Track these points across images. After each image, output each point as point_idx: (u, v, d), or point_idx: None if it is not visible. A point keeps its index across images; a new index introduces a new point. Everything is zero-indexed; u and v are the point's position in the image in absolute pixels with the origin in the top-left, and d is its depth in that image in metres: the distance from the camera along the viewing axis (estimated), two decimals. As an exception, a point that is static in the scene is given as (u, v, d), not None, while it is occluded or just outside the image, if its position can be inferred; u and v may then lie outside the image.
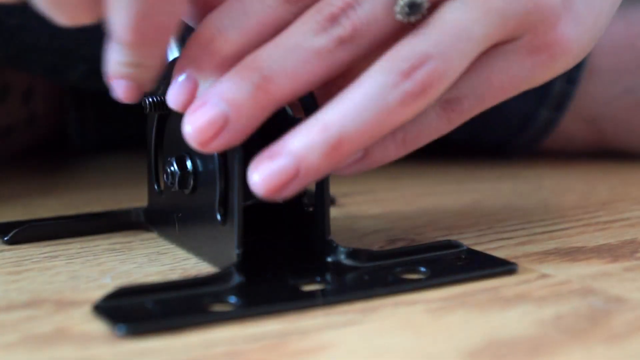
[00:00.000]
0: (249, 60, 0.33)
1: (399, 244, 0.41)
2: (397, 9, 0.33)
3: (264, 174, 0.32)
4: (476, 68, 0.35)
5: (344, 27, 0.33)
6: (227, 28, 0.33)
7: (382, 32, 0.33)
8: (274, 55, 0.32)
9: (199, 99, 0.33)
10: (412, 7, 0.33)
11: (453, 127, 0.36)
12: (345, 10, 0.33)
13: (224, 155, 0.35)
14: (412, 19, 0.33)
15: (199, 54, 0.33)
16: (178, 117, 0.38)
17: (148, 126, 0.40)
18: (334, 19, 0.33)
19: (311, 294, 0.33)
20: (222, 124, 0.32)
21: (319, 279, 0.35)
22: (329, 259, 0.36)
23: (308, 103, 0.35)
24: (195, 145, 0.32)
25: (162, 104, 0.38)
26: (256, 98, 0.32)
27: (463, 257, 0.37)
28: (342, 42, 0.33)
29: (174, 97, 0.34)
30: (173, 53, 0.40)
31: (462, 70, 0.34)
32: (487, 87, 0.35)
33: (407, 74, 0.32)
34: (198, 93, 0.33)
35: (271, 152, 0.32)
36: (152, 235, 0.42)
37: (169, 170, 0.38)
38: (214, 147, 0.32)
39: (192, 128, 0.32)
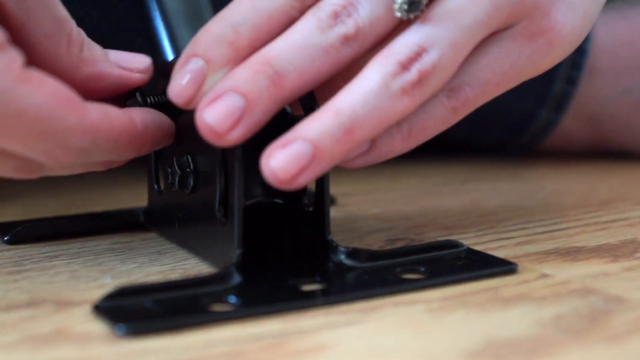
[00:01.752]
0: (260, 55, 0.33)
1: (399, 244, 0.41)
2: (396, 6, 0.34)
3: (279, 161, 0.32)
4: (476, 56, 0.36)
5: (347, 26, 0.33)
6: (239, 23, 0.34)
7: (384, 29, 0.34)
8: (284, 52, 0.33)
9: (212, 92, 0.33)
10: (411, 5, 0.34)
11: (459, 117, 0.36)
12: (346, 8, 0.33)
13: (224, 155, 0.35)
14: (412, 15, 0.34)
15: (213, 47, 0.34)
16: (178, 116, 0.38)
17: (148, 126, 0.40)
18: (336, 16, 0.34)
19: (311, 294, 0.33)
20: (239, 116, 0.32)
21: (319, 278, 0.35)
22: (329, 259, 0.36)
23: (308, 102, 0.36)
24: (211, 137, 0.32)
25: (163, 104, 0.38)
26: (270, 92, 0.33)
27: (463, 256, 0.37)
28: (347, 40, 0.34)
29: (180, 91, 0.34)
30: (169, 55, 0.40)
31: (460, 59, 0.35)
32: (489, 75, 0.36)
33: (405, 65, 0.33)
34: (204, 87, 0.33)
35: (284, 140, 0.32)
36: (152, 235, 0.42)
37: (169, 170, 0.38)
38: (229, 140, 0.33)
39: (209, 120, 0.32)
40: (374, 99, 0.33)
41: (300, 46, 0.33)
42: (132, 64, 0.38)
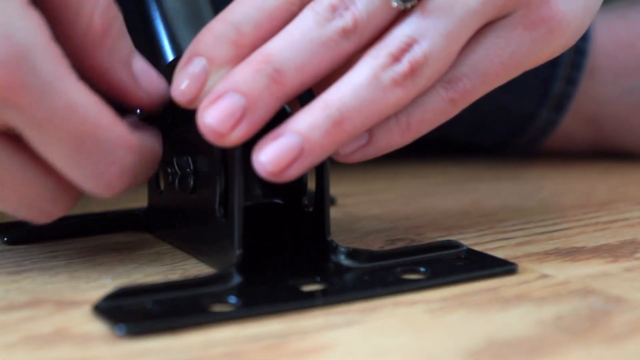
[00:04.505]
0: (259, 53, 0.33)
1: (399, 244, 0.41)
2: None
3: (268, 154, 0.32)
4: (474, 46, 0.36)
5: (345, 19, 0.33)
6: (241, 22, 0.34)
7: (382, 21, 0.34)
8: (283, 48, 0.33)
9: (212, 93, 0.33)
10: None
11: (458, 109, 0.36)
12: (343, 1, 0.34)
13: (224, 155, 0.35)
14: (409, 5, 0.34)
15: (215, 46, 0.34)
16: (178, 116, 0.38)
17: (148, 126, 0.40)
18: (334, 10, 0.34)
19: (311, 294, 0.33)
20: (240, 115, 0.32)
21: (319, 279, 0.35)
22: (329, 259, 0.36)
23: (307, 101, 0.36)
24: (213, 138, 0.33)
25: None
26: (270, 89, 0.33)
27: (463, 257, 0.37)
28: (346, 33, 0.34)
29: (182, 90, 0.34)
30: (169, 55, 0.40)
31: (454, 49, 0.34)
32: (488, 65, 0.36)
33: (397, 57, 0.33)
34: (206, 86, 0.33)
35: (275, 133, 0.33)
36: (152, 235, 0.42)
37: (169, 170, 0.38)
38: (231, 140, 0.33)
39: (210, 121, 0.32)
40: (364, 91, 0.33)
41: (299, 42, 0.33)
42: (147, 82, 0.35)
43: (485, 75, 0.36)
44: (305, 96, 0.36)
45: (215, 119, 0.32)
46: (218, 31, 0.34)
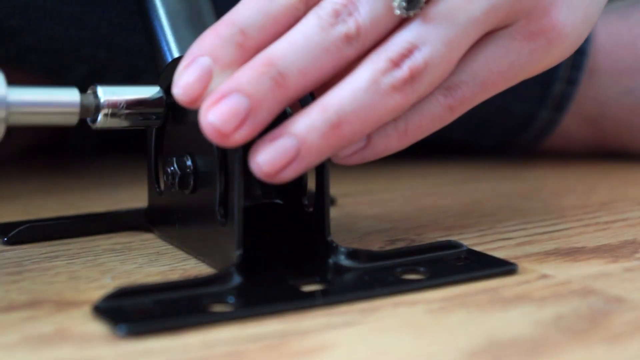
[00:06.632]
0: (263, 56, 0.33)
1: (399, 244, 0.41)
2: (395, 4, 0.34)
3: (265, 155, 0.33)
4: (474, 54, 0.36)
5: (348, 25, 0.34)
6: (246, 25, 0.34)
7: (385, 27, 0.34)
8: (286, 52, 0.33)
9: (216, 92, 0.33)
10: (410, 2, 0.34)
11: (456, 116, 0.36)
12: (346, 7, 0.33)
13: (224, 156, 0.35)
14: (411, 13, 0.34)
15: (220, 47, 0.34)
16: (178, 117, 0.38)
17: (148, 126, 0.40)
18: (337, 15, 0.34)
19: (311, 294, 0.33)
20: (244, 116, 0.32)
21: (319, 279, 0.35)
22: (329, 259, 0.36)
23: (308, 103, 0.35)
24: (215, 138, 0.32)
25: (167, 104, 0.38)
26: (274, 92, 0.33)
27: (463, 257, 0.37)
28: (348, 39, 0.34)
29: (186, 89, 0.33)
30: (169, 55, 0.40)
31: (455, 57, 0.35)
32: (487, 73, 0.36)
33: (397, 62, 0.34)
34: (210, 87, 0.33)
35: (272, 134, 0.33)
36: (152, 235, 0.42)
37: (169, 170, 0.38)
38: (234, 141, 0.33)
39: (214, 120, 0.32)
40: (362, 95, 0.33)
41: (303, 46, 0.33)
42: None
43: (484, 84, 0.36)
44: (306, 98, 0.36)
45: (219, 118, 0.32)
46: (223, 33, 0.34)
